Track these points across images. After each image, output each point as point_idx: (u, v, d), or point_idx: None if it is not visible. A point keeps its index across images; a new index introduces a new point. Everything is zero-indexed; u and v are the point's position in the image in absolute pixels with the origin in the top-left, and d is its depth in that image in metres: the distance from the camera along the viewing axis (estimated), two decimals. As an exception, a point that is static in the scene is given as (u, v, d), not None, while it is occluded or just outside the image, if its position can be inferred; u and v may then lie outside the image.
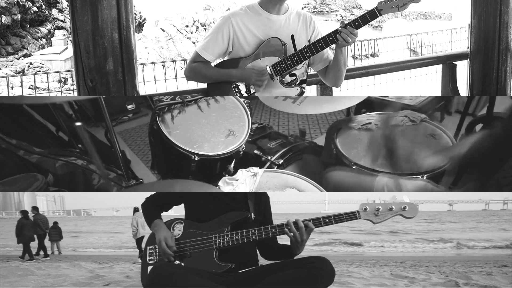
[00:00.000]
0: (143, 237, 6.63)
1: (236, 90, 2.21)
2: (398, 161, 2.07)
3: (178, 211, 1.93)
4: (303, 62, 2.21)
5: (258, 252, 1.79)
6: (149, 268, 1.69)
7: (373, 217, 1.59)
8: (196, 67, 2.21)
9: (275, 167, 2.33)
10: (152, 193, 1.85)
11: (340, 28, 2.07)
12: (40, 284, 3.91)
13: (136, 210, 6.91)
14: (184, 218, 1.75)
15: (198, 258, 1.64)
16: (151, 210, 1.81)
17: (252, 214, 1.71)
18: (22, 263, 6.19)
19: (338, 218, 1.60)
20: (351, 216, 1.60)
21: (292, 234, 1.61)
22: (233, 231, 1.64)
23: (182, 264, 1.65)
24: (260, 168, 2.14)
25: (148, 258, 1.73)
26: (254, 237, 1.63)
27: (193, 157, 2.23)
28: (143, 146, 3.37)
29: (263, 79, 2.15)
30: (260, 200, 1.78)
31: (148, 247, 1.76)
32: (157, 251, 1.71)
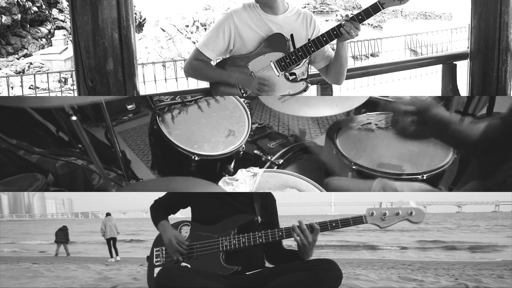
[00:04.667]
0: (113, 238, 7.36)
1: (240, 87, 2.21)
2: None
3: (183, 213, 1.93)
4: (303, 61, 2.21)
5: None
6: (156, 270, 1.69)
7: (379, 222, 1.59)
8: (197, 66, 2.20)
9: (275, 167, 2.33)
10: (161, 196, 1.85)
11: (343, 22, 2.07)
12: (50, 285, 3.93)
13: (107, 214, 7.72)
14: (190, 221, 1.75)
15: (205, 261, 1.65)
16: (158, 212, 1.81)
17: (259, 217, 1.71)
18: (31, 265, 6.23)
19: (345, 222, 1.60)
20: (357, 220, 1.60)
21: (298, 238, 1.59)
22: (240, 234, 1.65)
23: (189, 266, 1.65)
24: (260, 168, 2.14)
25: (154, 260, 1.74)
26: (260, 240, 1.62)
27: (193, 157, 2.23)
28: (143, 146, 3.38)
29: (263, 89, 2.15)
30: (267, 203, 1.78)
31: (154, 249, 1.76)
32: (163, 253, 1.72)
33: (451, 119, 1.38)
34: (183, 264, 1.66)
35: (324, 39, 2.12)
